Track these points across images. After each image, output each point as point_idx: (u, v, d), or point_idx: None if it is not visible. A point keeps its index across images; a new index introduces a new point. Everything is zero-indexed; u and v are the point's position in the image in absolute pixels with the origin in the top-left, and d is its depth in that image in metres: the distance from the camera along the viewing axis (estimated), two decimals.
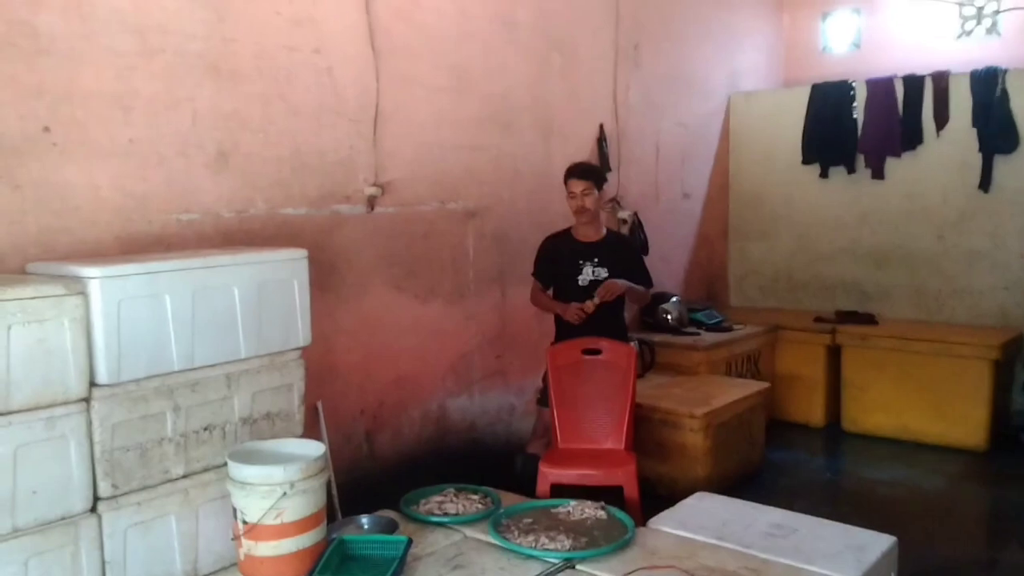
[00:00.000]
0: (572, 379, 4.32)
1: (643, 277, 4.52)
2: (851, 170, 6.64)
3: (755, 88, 7.35)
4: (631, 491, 3.98)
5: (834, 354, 6.24)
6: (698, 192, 6.97)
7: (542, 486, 4.01)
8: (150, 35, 3.43)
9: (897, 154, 6.42)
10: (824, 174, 6.79)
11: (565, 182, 4.41)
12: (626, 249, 4.57)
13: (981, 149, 6.11)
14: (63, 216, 3.18)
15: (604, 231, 4.51)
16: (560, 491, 3.89)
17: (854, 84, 6.59)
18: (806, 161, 6.83)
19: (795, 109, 6.84)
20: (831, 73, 6.98)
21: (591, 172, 4.43)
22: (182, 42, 3.54)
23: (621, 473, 4.03)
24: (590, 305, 4.23)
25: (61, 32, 3.16)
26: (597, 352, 4.31)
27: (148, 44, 3.42)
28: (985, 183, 6.11)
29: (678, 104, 6.62)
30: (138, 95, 3.40)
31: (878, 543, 3.13)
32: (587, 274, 4.38)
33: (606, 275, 4.35)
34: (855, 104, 6.56)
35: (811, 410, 6.30)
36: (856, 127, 6.55)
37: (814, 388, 6.28)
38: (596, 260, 4.39)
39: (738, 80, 7.27)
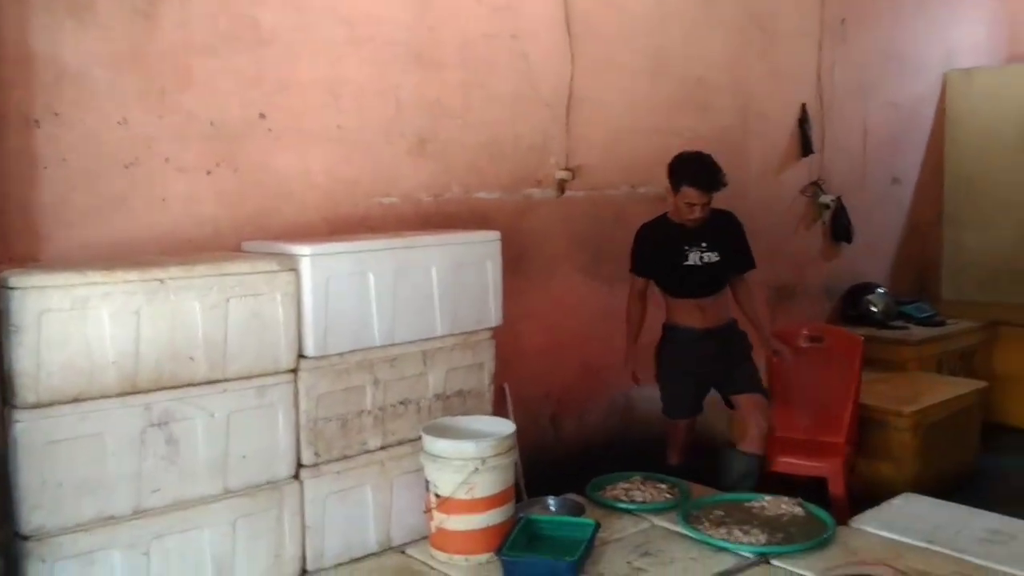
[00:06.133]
0: (791, 368, 4.23)
1: (747, 258, 4.06)
2: None
3: (975, 65, 6.76)
4: (836, 487, 3.85)
5: None
6: (909, 177, 6.52)
7: None
8: (359, 25, 3.57)
9: None
10: None
11: (678, 187, 3.78)
12: (733, 226, 4.03)
13: None
14: (277, 198, 3.38)
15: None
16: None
17: None
18: None
19: (1021, 86, 6.25)
20: None
21: (718, 184, 3.78)
22: (389, 31, 3.67)
23: (827, 465, 3.93)
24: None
25: (280, 24, 3.34)
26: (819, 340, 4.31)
27: (357, 33, 3.57)
28: None
29: (888, 83, 6.21)
30: (347, 83, 3.55)
31: None
32: (694, 260, 3.91)
33: (716, 258, 3.90)
34: None
35: None
36: None
37: None
38: (704, 244, 3.90)
39: (955, 57, 6.72)
